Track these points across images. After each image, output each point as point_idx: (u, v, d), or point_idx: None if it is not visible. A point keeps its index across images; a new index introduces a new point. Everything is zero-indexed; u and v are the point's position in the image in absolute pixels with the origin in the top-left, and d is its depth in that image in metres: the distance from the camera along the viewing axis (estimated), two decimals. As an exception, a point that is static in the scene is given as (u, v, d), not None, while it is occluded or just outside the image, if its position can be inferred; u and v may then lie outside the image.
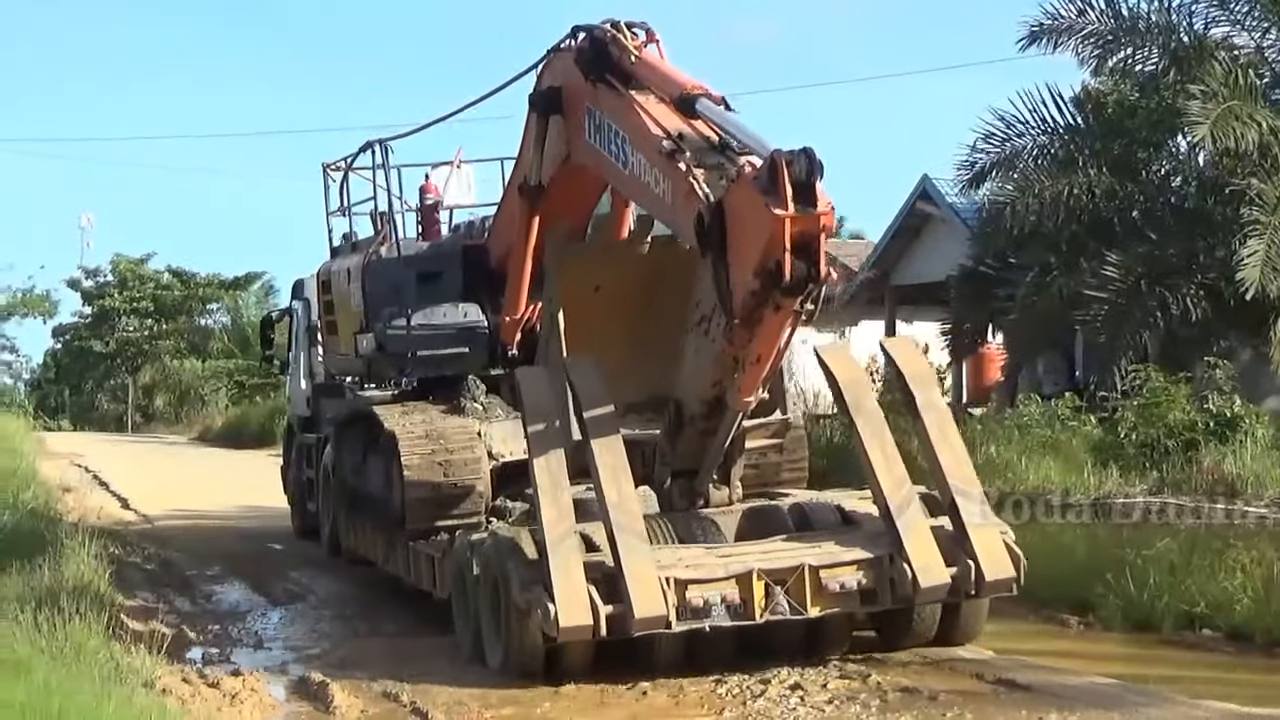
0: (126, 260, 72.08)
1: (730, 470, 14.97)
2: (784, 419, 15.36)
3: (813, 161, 11.64)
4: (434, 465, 16.42)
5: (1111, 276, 22.51)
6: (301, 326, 24.55)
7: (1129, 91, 24.95)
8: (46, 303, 67.66)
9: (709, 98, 12.93)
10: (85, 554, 17.58)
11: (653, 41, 13.86)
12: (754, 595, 13.23)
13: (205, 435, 56.18)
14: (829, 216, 11.73)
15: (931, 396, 14.73)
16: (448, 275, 18.16)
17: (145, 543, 23.87)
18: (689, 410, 13.92)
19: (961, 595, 13.89)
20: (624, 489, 13.31)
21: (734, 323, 12.46)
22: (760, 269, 11.82)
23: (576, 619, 12.83)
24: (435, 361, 18.03)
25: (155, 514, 28.70)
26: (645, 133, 13.06)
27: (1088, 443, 24.54)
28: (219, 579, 21.00)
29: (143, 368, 69.97)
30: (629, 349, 14.78)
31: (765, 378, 13.35)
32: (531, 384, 14.10)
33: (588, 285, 15.24)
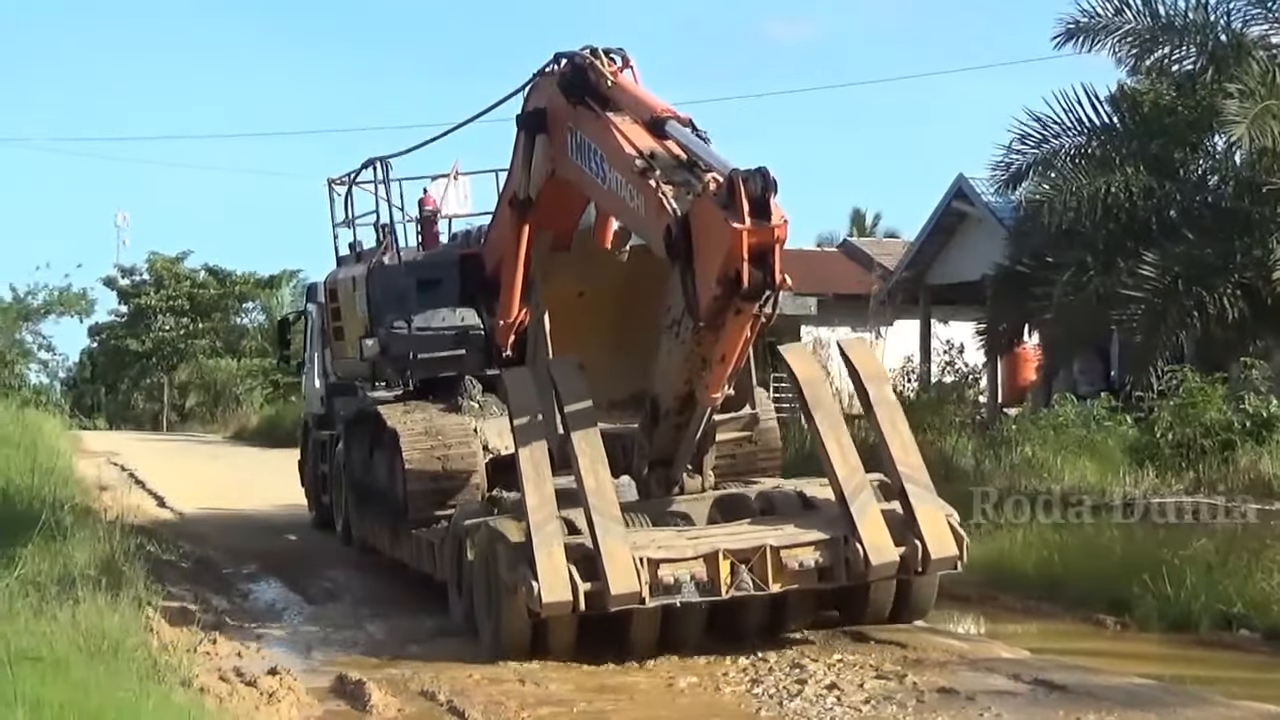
0: (162, 259, 72.23)
1: (703, 460, 16.36)
2: (752, 413, 16.56)
3: (767, 179, 12.66)
4: (433, 459, 18.02)
5: (1148, 276, 22.44)
6: (316, 328, 25.54)
7: (1166, 91, 24.84)
8: (83, 301, 67.84)
9: (677, 120, 14.07)
10: (122, 552, 17.66)
11: (628, 67, 15.03)
12: (720, 573, 14.35)
13: (240, 434, 56.30)
14: (783, 229, 12.77)
15: (884, 392, 15.85)
16: (446, 282, 19.57)
17: (181, 540, 23.93)
18: (663, 405, 15.16)
19: (910, 573, 14.95)
20: (601, 477, 14.51)
21: (700, 325, 13.59)
22: (722, 277, 12.89)
23: (557, 595, 13.92)
24: (435, 363, 19.45)
25: (191, 512, 28.80)
26: (620, 152, 14.17)
27: (1124, 443, 24.56)
28: (255, 577, 21.07)
29: (178, 366, 70.14)
30: (610, 349, 16.15)
31: (730, 375, 14.43)
32: (517, 383, 15.44)
33: (572, 291, 16.62)
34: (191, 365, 69.41)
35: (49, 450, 32.26)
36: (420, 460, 18.06)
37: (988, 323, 27.31)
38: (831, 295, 41.52)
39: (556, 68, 15.57)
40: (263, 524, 26.98)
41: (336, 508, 23.19)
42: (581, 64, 15.05)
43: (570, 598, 13.97)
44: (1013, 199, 27.42)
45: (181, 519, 27.98)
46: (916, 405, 28.19)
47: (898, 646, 15.14)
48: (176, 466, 39.31)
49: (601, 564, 14.04)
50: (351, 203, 22.02)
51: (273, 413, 56.01)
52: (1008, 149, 25.00)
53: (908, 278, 37.70)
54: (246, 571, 21.48)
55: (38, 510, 19.38)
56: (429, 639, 16.05)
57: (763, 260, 12.79)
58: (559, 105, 15.46)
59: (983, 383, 32.01)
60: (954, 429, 27.22)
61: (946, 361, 29.56)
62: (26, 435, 32.96)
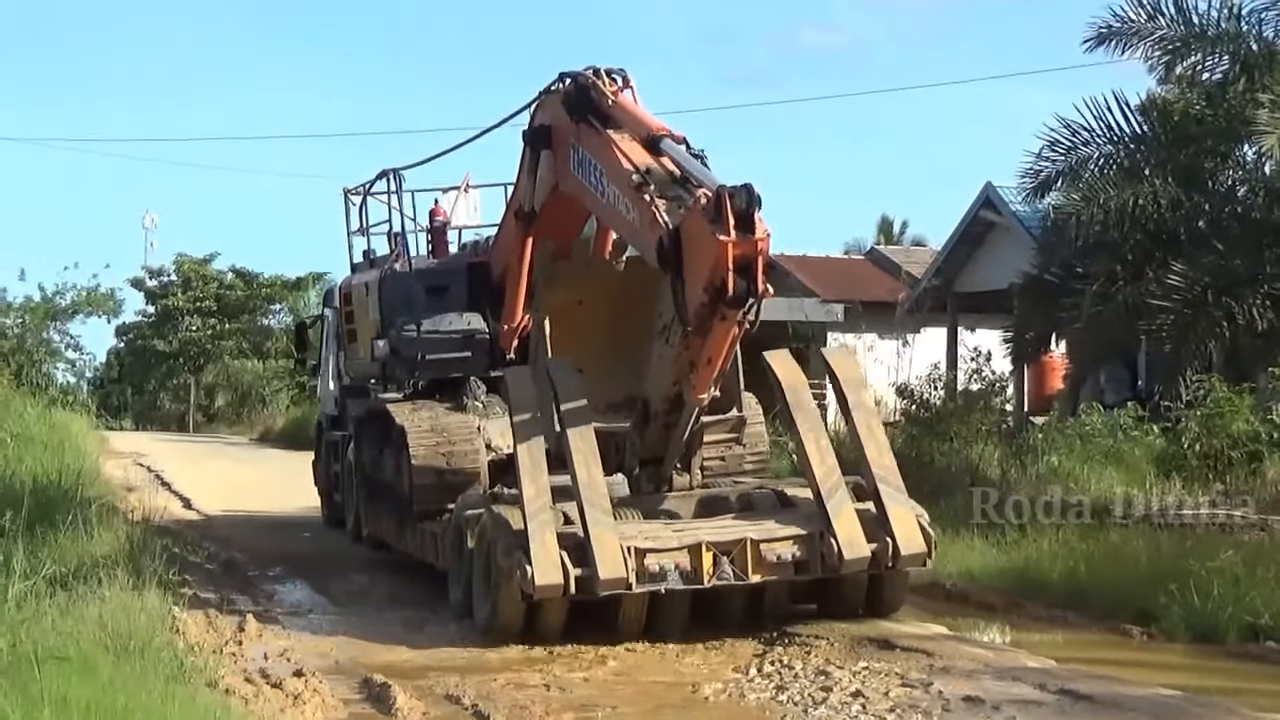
0: (190, 260, 72.33)
1: (691, 459, 17.39)
2: (739, 416, 17.71)
3: (752, 195, 13.72)
4: (438, 455, 19.05)
5: (1177, 286, 22.38)
6: (332, 331, 26.30)
7: (1196, 100, 24.77)
8: (111, 302, 67.90)
9: (672, 138, 15.25)
10: (149, 552, 17.70)
11: (628, 87, 16.16)
12: (703, 563, 15.41)
13: (265, 436, 56.36)
14: (765, 242, 13.83)
15: (862, 398, 16.81)
16: (454, 288, 20.66)
17: (207, 542, 24.00)
18: (654, 406, 16.26)
19: (881, 567, 15.91)
20: (593, 471, 15.54)
21: (688, 330, 14.68)
22: (708, 285, 13.99)
23: (549, 579, 14.98)
24: (442, 364, 20.41)
25: (216, 513, 28.89)
26: (618, 167, 15.30)
27: (1150, 453, 24.49)
28: (281, 579, 21.10)
29: (205, 367, 70.22)
30: (606, 354, 17.21)
31: (716, 377, 15.48)
32: (517, 382, 16.57)
33: (571, 298, 17.66)
34: (218, 366, 69.49)
35: (76, 450, 32.30)
36: (426, 456, 19.05)
37: (1015, 331, 27.26)
38: (859, 303, 41.50)
39: (561, 86, 16.60)
40: (287, 526, 27.00)
41: (348, 506, 24.14)
42: (584, 83, 16.13)
43: (561, 581, 15.01)
44: (1041, 208, 27.38)
45: (207, 520, 28.05)
46: (943, 413, 28.14)
47: (923, 654, 15.13)
48: (202, 468, 39.38)
49: (591, 551, 15.06)
50: (366, 212, 23.11)
51: (299, 415, 55.97)
52: (1037, 156, 24.96)
53: (935, 286, 37.67)
54: (272, 573, 21.51)
55: (65, 510, 19.45)
56: (453, 643, 16.07)
57: (746, 270, 13.83)
58: (563, 122, 16.48)
59: (1009, 391, 31.89)
60: (980, 437, 27.15)
61: (973, 369, 29.43)
62: (54, 435, 33.01)
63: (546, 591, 15.11)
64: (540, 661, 15.13)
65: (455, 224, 22.88)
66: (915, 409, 28.91)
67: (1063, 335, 26.66)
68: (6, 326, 63.21)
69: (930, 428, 27.68)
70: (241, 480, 35.50)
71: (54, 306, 65.02)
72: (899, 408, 30.24)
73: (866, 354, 40.21)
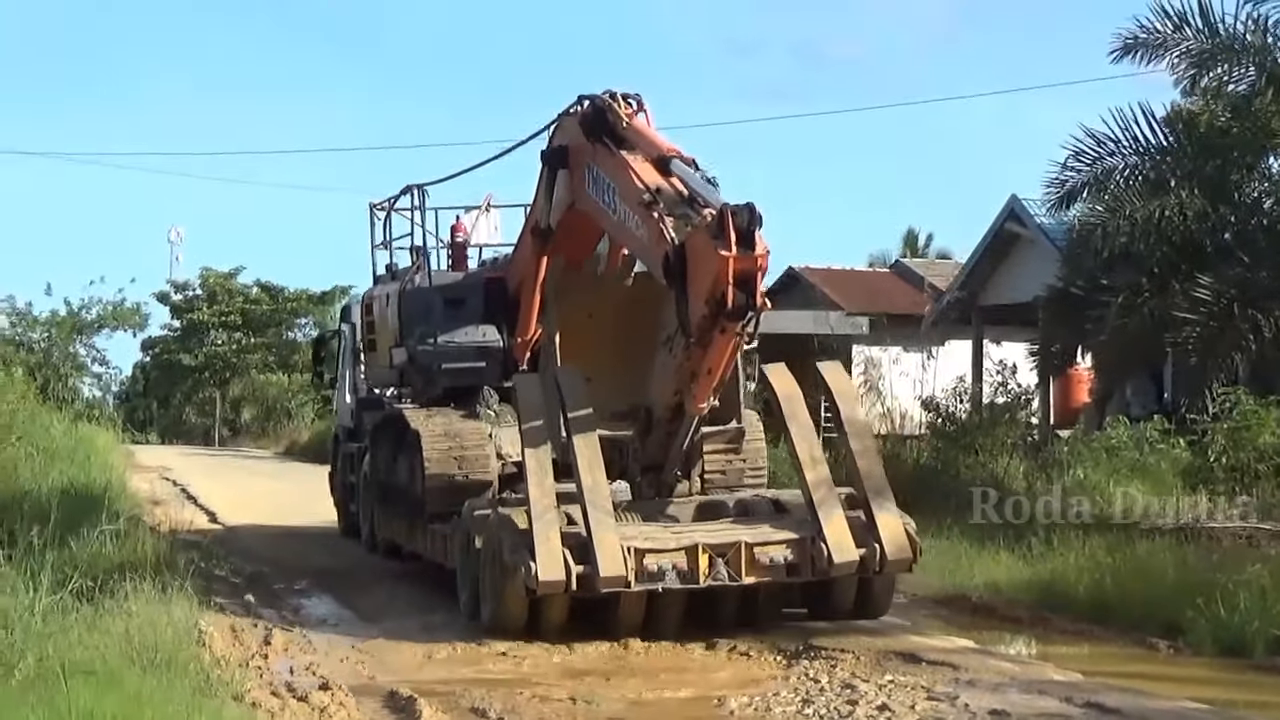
0: (215, 274, 72.46)
1: (691, 468, 18.50)
2: (738, 428, 18.49)
3: (753, 214, 14.60)
4: (450, 459, 19.87)
5: (1203, 299, 22.34)
6: (348, 347, 27.35)
7: (1222, 112, 24.71)
8: (137, 316, 67.90)
9: (682, 159, 16.04)
10: (175, 566, 17.74)
11: (642, 110, 17.00)
12: (699, 564, 16.26)
13: (291, 449, 56.41)
14: (764, 259, 14.75)
15: (854, 411, 17.99)
16: (471, 301, 21.50)
17: (233, 555, 24.03)
18: (656, 414, 17.21)
19: (869, 571, 16.73)
20: (597, 474, 16.43)
21: (690, 342, 15.64)
22: (710, 298, 14.89)
23: (552, 575, 15.82)
24: (457, 373, 21.27)
25: (242, 527, 28.93)
26: (630, 186, 16.24)
27: (1177, 466, 24.44)
28: (306, 592, 21.11)
29: (230, 381, 70.35)
30: (613, 365, 17.83)
31: (715, 387, 16.40)
32: (526, 388, 17.49)
33: (581, 311, 18.50)
34: (243, 380, 69.61)
35: (102, 464, 32.40)
36: (439, 459, 19.86)
37: (1040, 344, 27.23)
38: (884, 315, 41.48)
39: (579, 109, 17.47)
40: (312, 539, 27.06)
41: (363, 516, 24.93)
42: (601, 106, 17.04)
43: (563, 578, 15.85)
44: (1065, 220, 27.33)
45: (232, 533, 28.11)
46: (968, 426, 28.14)
47: (949, 668, 15.13)
48: (227, 482, 39.44)
49: (593, 550, 15.90)
50: (390, 226, 24.02)
51: (324, 428, 55.83)
52: (1062, 167, 24.89)
53: (960, 298, 37.62)
54: (298, 586, 21.53)
55: (91, 524, 19.49)
56: (479, 656, 16.09)
57: (746, 285, 14.74)
58: (580, 143, 17.42)
59: (1035, 404, 31.86)
60: (1005, 450, 27.14)
61: (999, 382, 29.43)
62: (80, 449, 33.05)
63: (549, 587, 15.91)
64: (566, 674, 15.14)
65: (476, 241, 23.74)
66: (940, 422, 28.94)
67: (1088, 348, 26.61)
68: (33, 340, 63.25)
69: (955, 441, 27.71)
70: (267, 494, 35.53)
71: (80, 320, 65.06)
72: (924, 421, 30.25)
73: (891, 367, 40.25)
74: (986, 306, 37.12)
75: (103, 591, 15.13)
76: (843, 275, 47.65)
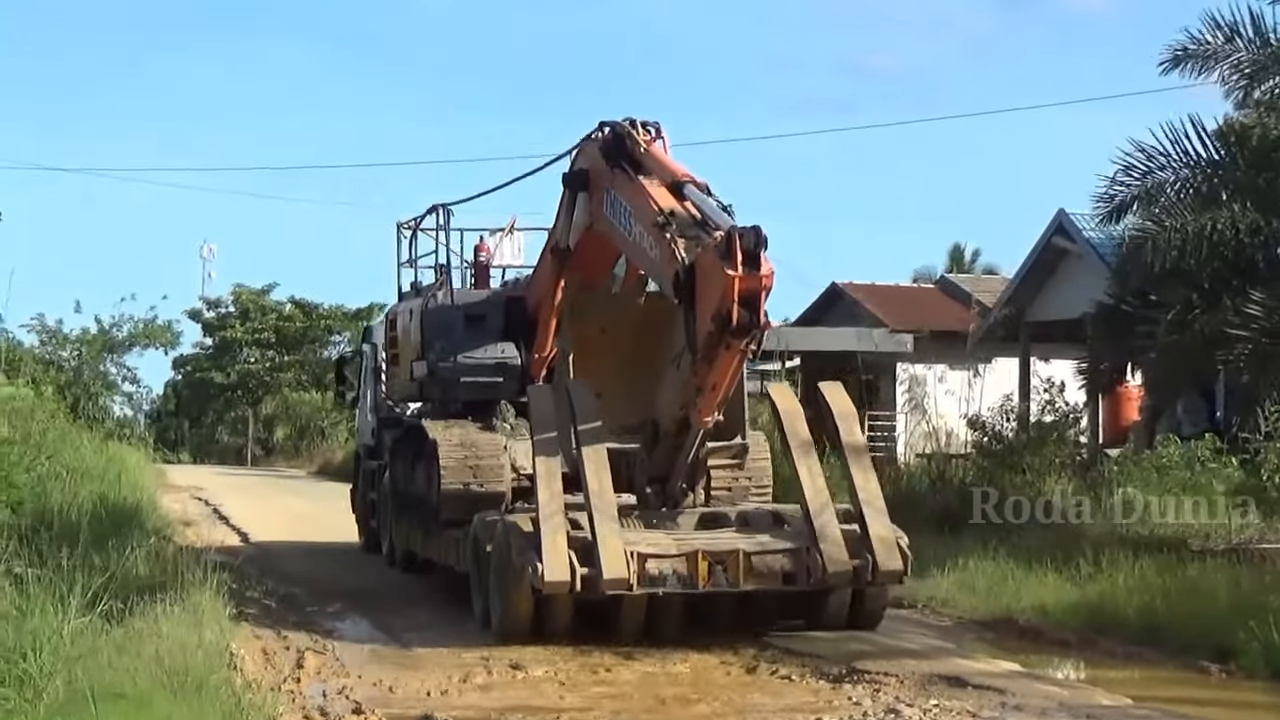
0: (248, 291, 72.72)
1: (696, 481, 19.56)
2: (742, 444, 19.29)
3: (759, 236, 15.73)
4: (465, 468, 21.03)
5: (1255, 315, 22.24)
6: (369, 366, 28.77)
7: (1275, 124, 24.60)
8: (168, 333, 68.06)
9: (695, 184, 17.29)
10: (207, 588, 17.76)
11: (660, 138, 18.41)
12: (699, 570, 17.41)
13: (325, 469, 56.49)
14: (769, 279, 15.82)
15: (852, 429, 19.12)
16: (492, 319, 22.77)
17: (265, 576, 24.04)
18: (663, 427, 18.34)
19: (862, 582, 17.94)
20: (603, 481, 17.57)
21: (696, 357, 16.71)
22: (716, 315, 15.96)
23: (558, 575, 16.92)
24: (475, 387, 22.55)
25: (274, 547, 28.99)
26: (646, 209, 17.44)
27: (1229, 485, 24.30)
28: (340, 614, 21.08)
29: (263, 400, 70.50)
30: (624, 380, 19.00)
31: (720, 403, 17.43)
32: (539, 399, 18.89)
33: (595, 329, 19.68)
34: (277, 399, 69.75)
35: (132, 484, 32.44)
36: (455, 467, 21.02)
37: (1089, 361, 27.15)
38: (928, 332, 41.42)
39: (601, 134, 18.82)
40: (344, 559, 27.19)
41: (383, 531, 26.34)
42: (621, 132, 18.36)
43: (569, 579, 16.96)
44: (1115, 234, 27.24)
45: (264, 553, 28.13)
46: (1015, 446, 28.05)
47: (996, 692, 15.08)
48: (260, 502, 39.54)
49: (597, 553, 17.01)
50: (415, 244, 25.54)
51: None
52: (1111, 180, 24.84)
53: (1007, 315, 37.50)
54: (331, 608, 21.52)
55: (122, 545, 19.52)
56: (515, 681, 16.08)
57: (751, 303, 15.81)
58: (600, 167, 18.70)
59: (1083, 423, 31.74)
60: (1053, 470, 27.05)
61: (1046, 400, 29.34)
62: (110, 469, 33.06)
63: (555, 588, 17.05)
64: (607, 701, 15.10)
65: (499, 263, 25.15)
66: (987, 441, 28.85)
67: (1138, 365, 26.53)
68: (63, 359, 63.46)
69: (1002, 461, 27.62)
70: (300, 514, 35.63)
71: (111, 339, 65.27)
72: (970, 440, 30.16)
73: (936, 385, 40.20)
74: (1034, 323, 37.00)
75: (133, 613, 15.15)
76: (887, 291, 47.62)
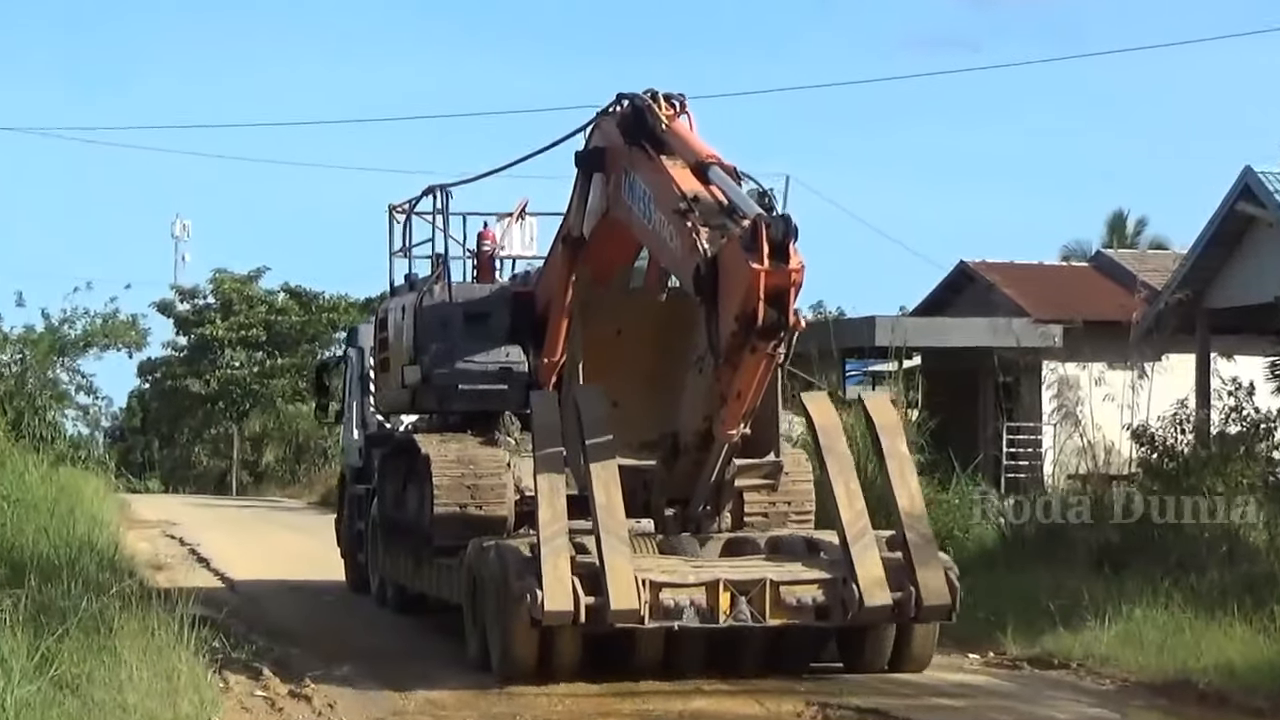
0: (231, 278, 72.96)
1: (722, 503, 20.59)
2: (775, 461, 20.31)
3: (789, 226, 16.80)
4: (462, 488, 22.01)
5: None
6: (355, 374, 30.39)
7: None
8: (133, 332, 68.11)
9: (722, 166, 18.31)
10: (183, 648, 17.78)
11: (684, 112, 19.45)
12: (720, 602, 18.39)
13: (327, 499, 56.36)
14: (799, 273, 16.88)
15: (897, 444, 20.09)
16: (495, 317, 23.89)
17: (254, 634, 24.09)
18: (683, 440, 19.38)
19: (904, 617, 19.02)
20: (613, 499, 18.55)
21: (719, 362, 17.69)
22: (740, 315, 17.04)
23: (559, 605, 17.93)
24: (475, 396, 23.77)
25: (265, 596, 29.09)
26: (666, 192, 18.55)
27: None
28: (349, 679, 21.03)
29: (251, 413, 70.68)
30: (644, 389, 20.11)
31: (746, 413, 18.36)
32: (542, 407, 19.93)
33: (610, 329, 20.85)
34: (267, 412, 69.91)
35: (90, 519, 32.57)
36: (450, 487, 22.01)
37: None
38: (1081, 322, 41.24)
39: (618, 108, 19.94)
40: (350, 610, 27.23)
41: (371, 567, 27.76)
42: (641, 106, 19.39)
43: (571, 608, 18.02)
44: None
45: (253, 604, 28.20)
46: (1192, 463, 27.93)
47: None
48: (248, 539, 39.75)
49: (605, 580, 18.00)
50: (410, 231, 26.75)
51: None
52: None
53: (1180, 300, 37.36)
54: (339, 673, 21.49)
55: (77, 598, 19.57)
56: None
57: (778, 301, 16.85)
58: (618, 145, 19.84)
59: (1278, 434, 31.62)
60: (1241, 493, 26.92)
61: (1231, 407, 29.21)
62: (63, 500, 33.23)
63: (556, 618, 18.12)
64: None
65: (507, 252, 26.39)
66: (1156, 458, 28.71)
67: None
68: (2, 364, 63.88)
69: (1176, 482, 27.47)
70: (295, 554, 35.71)
71: (61, 338, 65.49)
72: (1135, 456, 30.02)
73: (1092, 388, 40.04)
74: (1215, 310, 36.92)
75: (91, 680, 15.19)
76: (1029, 272, 47.55)
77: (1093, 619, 21.67)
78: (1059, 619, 21.55)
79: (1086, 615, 21.61)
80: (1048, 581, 23.68)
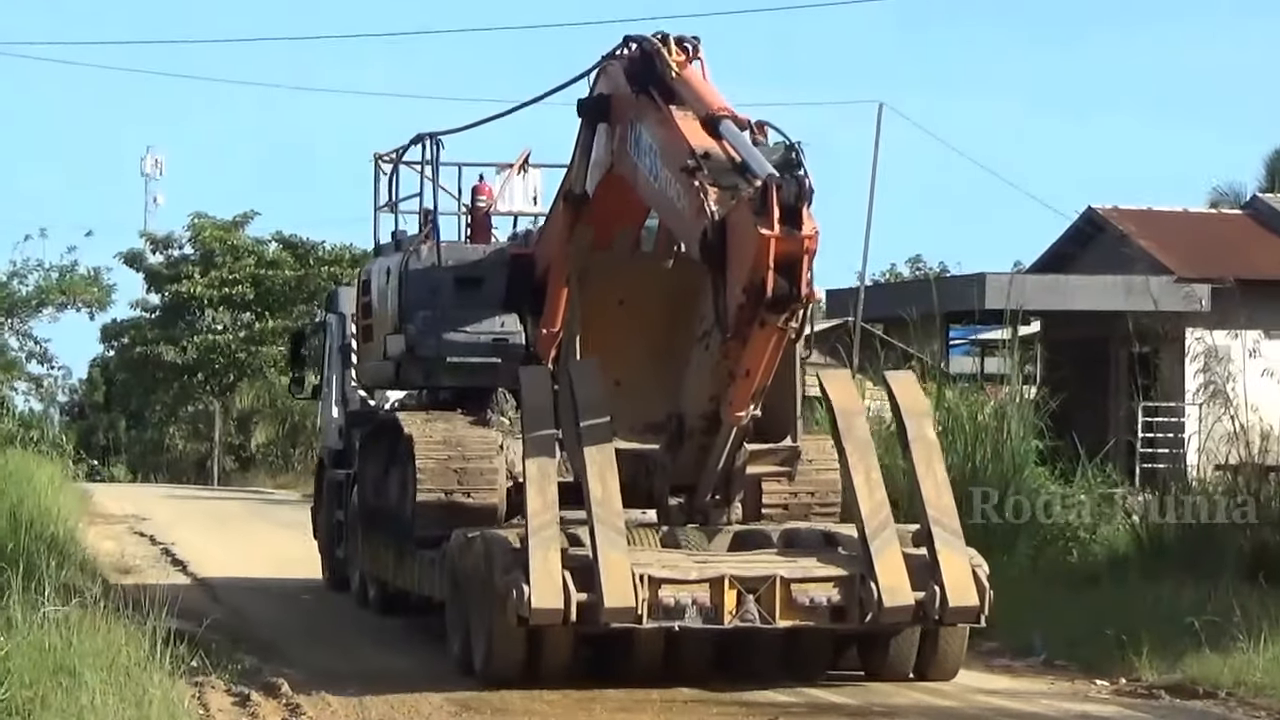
0: (213, 224, 72.84)
1: (733, 492, 21.48)
2: (792, 447, 21.20)
3: (803, 188, 17.62)
4: (448, 472, 23.01)
5: None
6: (335, 344, 31.54)
7: None
8: (95, 288, 68.08)
9: (734, 120, 19.14)
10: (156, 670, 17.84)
11: (696, 58, 20.22)
12: (725, 601, 19.12)
13: (326, 489, 56.65)
14: (813, 240, 17.72)
15: (923, 429, 20.95)
16: (490, 282, 24.96)
17: (239, 652, 24.15)
18: (688, 423, 20.22)
19: (928, 620, 19.75)
20: (609, 487, 19.33)
21: (726, 337, 18.57)
22: (748, 285, 17.82)
23: (548, 601, 18.70)
24: (465, 370, 25.04)
25: (252, 610, 29.20)
26: (673, 148, 19.39)
27: None
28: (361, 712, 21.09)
29: (236, 387, 70.74)
30: (649, 365, 21.07)
31: (755, 393, 19.24)
32: (533, 383, 20.75)
33: (612, 298, 21.70)
34: (256, 385, 69.92)
35: (43, 512, 32.71)
36: (435, 470, 22.98)
37: None
38: (1233, 281, 41.14)
39: (625, 52, 20.92)
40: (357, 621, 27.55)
41: (351, 563, 28.98)
42: (650, 51, 20.27)
43: (561, 605, 18.83)
44: None
45: (238, 615, 28.33)
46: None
47: None
48: (232, 537, 40.06)
49: (598, 575, 18.80)
50: (397, 183, 27.89)
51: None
52: None
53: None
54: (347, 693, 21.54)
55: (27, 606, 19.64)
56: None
57: (789, 270, 17.65)
58: (624, 93, 20.82)
59: None
60: None
61: None
62: (9, 489, 33.43)
63: (544, 616, 18.90)
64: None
65: (505, 208, 27.62)
66: (1325, 446, 28.72)
67: None
68: (-60, 327, 64.06)
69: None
70: (286, 555, 35.87)
71: (9, 295, 65.65)
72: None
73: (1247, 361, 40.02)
74: None
75: (46, 706, 15.27)
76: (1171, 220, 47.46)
77: (1245, 639, 21.64)
78: (1205, 639, 21.42)
79: (1238, 635, 21.59)
80: (1192, 594, 23.68)
